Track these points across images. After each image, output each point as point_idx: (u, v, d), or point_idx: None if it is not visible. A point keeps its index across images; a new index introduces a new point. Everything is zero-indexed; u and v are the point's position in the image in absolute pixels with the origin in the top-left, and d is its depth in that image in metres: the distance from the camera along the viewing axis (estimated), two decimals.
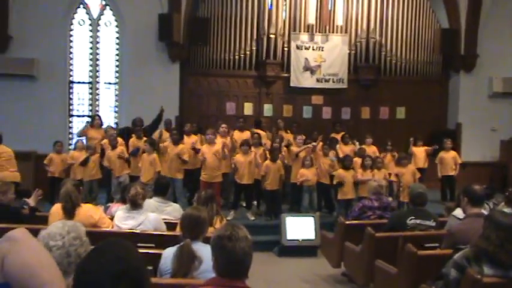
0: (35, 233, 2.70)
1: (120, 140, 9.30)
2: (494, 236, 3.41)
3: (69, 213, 4.54)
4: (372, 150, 10.00)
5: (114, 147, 8.98)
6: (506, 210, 5.83)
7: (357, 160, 9.27)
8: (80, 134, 10.07)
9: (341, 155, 9.37)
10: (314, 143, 9.19)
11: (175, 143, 8.82)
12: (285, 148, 9.39)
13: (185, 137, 9.43)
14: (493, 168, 12.31)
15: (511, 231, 3.42)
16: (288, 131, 10.70)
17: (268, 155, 8.84)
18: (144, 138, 9.15)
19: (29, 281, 1.39)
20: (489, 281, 3.36)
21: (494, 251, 3.38)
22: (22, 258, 1.40)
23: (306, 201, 8.84)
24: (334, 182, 8.70)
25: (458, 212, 4.97)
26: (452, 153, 10.29)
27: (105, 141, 9.30)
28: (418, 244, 4.60)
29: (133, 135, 9.46)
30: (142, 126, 9.71)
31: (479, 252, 3.45)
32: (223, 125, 9.36)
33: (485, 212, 4.59)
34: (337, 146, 9.91)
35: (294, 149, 9.21)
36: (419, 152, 10.27)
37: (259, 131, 10.03)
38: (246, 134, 9.76)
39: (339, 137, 10.66)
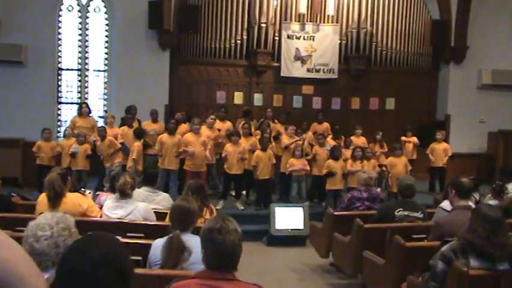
0: (24, 221, 2.69)
1: (114, 130, 9.26)
2: (481, 229, 3.45)
3: (53, 202, 4.48)
4: (361, 141, 10.05)
5: (103, 138, 8.94)
6: (493, 202, 5.93)
7: (345, 151, 9.31)
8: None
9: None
10: (304, 135, 9.20)
11: (172, 133, 8.75)
12: (273, 139, 9.39)
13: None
14: (480, 160, 12.44)
15: (498, 225, 3.47)
16: (276, 121, 10.69)
17: (258, 145, 8.84)
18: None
19: (5, 278, 1.38)
20: (475, 273, 3.41)
21: (480, 243, 3.43)
22: None
23: (294, 191, 8.88)
24: (324, 172, 8.73)
25: (446, 204, 5.02)
26: (444, 144, 10.37)
27: (95, 133, 9.28)
28: (406, 235, 4.64)
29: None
30: (136, 115, 9.66)
31: (466, 245, 3.50)
32: (212, 116, 9.35)
33: (472, 204, 4.64)
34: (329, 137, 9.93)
35: (285, 140, 9.21)
36: (408, 144, 10.34)
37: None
38: (228, 124, 9.76)
39: (322, 127, 10.68)
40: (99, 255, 1.48)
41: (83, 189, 6.51)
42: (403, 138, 10.44)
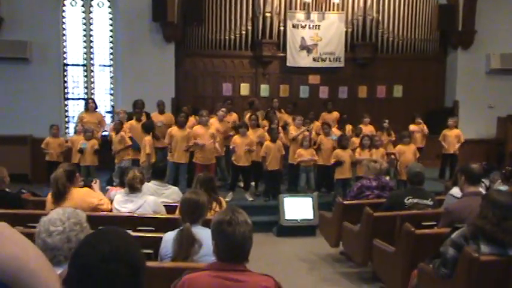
0: (34, 217, 2.71)
1: (127, 125, 9.28)
2: (491, 214, 3.45)
3: (58, 199, 4.50)
4: (369, 129, 10.02)
5: (118, 131, 8.96)
6: (503, 188, 5.89)
7: (355, 140, 9.30)
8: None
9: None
10: (311, 126, 9.19)
11: (182, 126, 8.74)
12: (281, 129, 9.40)
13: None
14: (489, 145, 12.35)
15: (508, 210, 3.46)
16: (283, 111, 10.67)
17: (266, 136, 8.85)
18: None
19: (17, 274, 1.39)
20: (486, 259, 3.41)
21: (491, 229, 3.42)
22: (7, 251, 1.40)
23: (302, 181, 8.87)
24: (332, 162, 8.72)
25: (456, 191, 5.00)
26: (456, 131, 10.32)
27: (111, 126, 9.32)
28: (415, 223, 4.63)
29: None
30: (143, 109, 9.68)
31: (477, 231, 3.49)
32: (223, 109, 9.36)
33: (482, 190, 4.63)
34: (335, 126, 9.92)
35: (292, 132, 9.19)
36: (416, 131, 10.26)
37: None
38: (234, 116, 9.75)
39: (331, 117, 10.67)
40: (109, 250, 1.49)
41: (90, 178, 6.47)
42: (411, 127, 10.34)
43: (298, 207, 7.88)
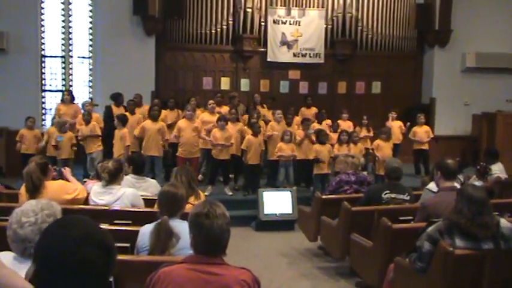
0: (8, 210, 2.66)
1: (96, 115, 9.19)
2: (466, 209, 3.50)
3: (32, 193, 4.39)
4: (347, 125, 10.09)
5: (87, 122, 8.86)
6: (477, 183, 6.00)
7: (333, 135, 9.35)
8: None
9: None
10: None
11: (155, 119, 8.70)
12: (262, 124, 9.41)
13: (169, 112, 9.37)
14: (465, 142, 12.58)
15: (482, 205, 3.52)
16: (264, 106, 10.70)
17: (247, 130, 8.85)
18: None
19: None
20: (461, 253, 3.46)
21: (466, 224, 3.48)
22: None
23: (281, 176, 8.88)
24: (311, 157, 8.75)
25: (433, 185, 5.07)
26: (425, 127, 10.49)
27: (79, 117, 9.19)
28: (393, 217, 4.67)
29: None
30: (122, 102, 9.74)
31: (452, 225, 3.54)
32: (211, 101, 9.37)
33: (457, 185, 4.69)
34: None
35: (270, 130, 9.20)
36: (395, 127, 10.37)
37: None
38: (225, 109, 9.75)
39: (310, 112, 10.72)
40: (79, 234, 1.46)
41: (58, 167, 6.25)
42: (390, 123, 10.44)
43: (277, 202, 7.90)
